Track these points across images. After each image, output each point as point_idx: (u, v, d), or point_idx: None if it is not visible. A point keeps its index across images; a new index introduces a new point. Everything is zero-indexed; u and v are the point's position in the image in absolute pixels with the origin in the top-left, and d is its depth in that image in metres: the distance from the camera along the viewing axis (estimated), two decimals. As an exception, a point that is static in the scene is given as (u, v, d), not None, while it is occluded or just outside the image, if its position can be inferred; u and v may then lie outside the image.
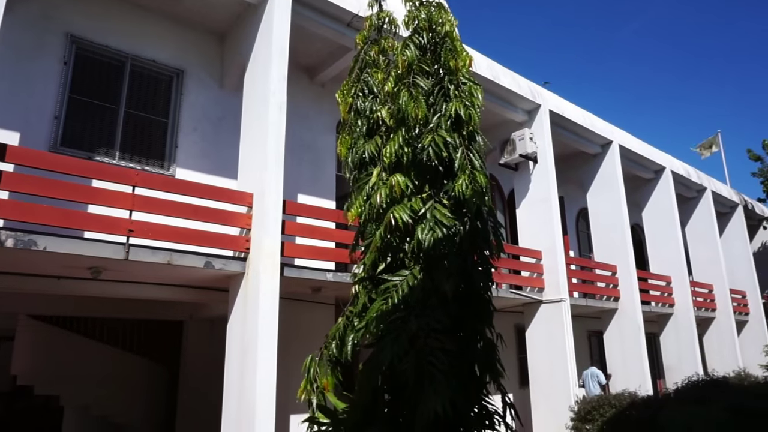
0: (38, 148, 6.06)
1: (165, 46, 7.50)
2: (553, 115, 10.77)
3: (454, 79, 3.78)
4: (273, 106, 6.40)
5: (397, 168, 3.72)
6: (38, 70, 6.39)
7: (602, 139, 12.23)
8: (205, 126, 7.67)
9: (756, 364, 14.81)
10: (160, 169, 7.16)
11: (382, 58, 4.67)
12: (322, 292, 7.54)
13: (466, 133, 3.62)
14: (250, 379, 5.67)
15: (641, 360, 11.18)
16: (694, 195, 16.04)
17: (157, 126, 7.32)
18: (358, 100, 4.48)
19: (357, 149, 4.28)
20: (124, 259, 5.26)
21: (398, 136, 3.64)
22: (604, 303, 11.63)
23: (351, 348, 3.82)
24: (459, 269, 3.42)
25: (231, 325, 6.27)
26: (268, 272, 5.91)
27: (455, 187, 3.45)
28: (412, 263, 3.55)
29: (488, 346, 3.59)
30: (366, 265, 3.90)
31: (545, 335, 9.75)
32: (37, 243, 4.77)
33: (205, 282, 6.80)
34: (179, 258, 5.66)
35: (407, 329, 3.34)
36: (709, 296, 15.36)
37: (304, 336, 7.40)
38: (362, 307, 3.86)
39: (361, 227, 4.14)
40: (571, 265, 10.90)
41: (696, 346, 13.31)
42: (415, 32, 4.02)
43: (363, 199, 4.02)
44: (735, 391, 7.55)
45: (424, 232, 3.38)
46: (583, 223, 14.58)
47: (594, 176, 12.53)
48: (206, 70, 7.86)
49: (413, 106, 3.58)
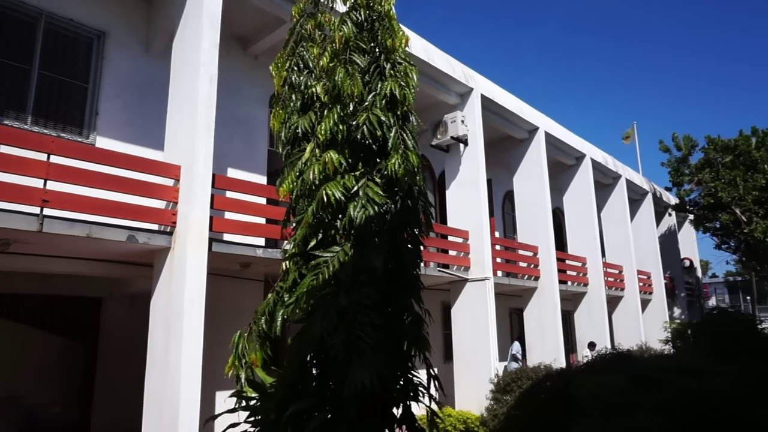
0: (-63, 108, 5.55)
1: (85, 4, 7.00)
2: (484, 99, 11.07)
3: (390, 58, 3.81)
4: (203, 76, 6.17)
5: (331, 145, 3.73)
6: (-64, 21, 5.81)
7: (530, 125, 12.72)
8: (129, 93, 7.28)
9: (656, 339, 16.17)
10: (79, 136, 6.75)
11: (318, 32, 4.62)
12: (251, 268, 7.45)
13: (401, 113, 3.68)
14: (175, 355, 5.55)
15: (557, 335, 11.92)
16: (610, 182, 17.08)
17: (76, 90, 6.86)
18: (292, 75, 4.42)
19: (290, 124, 4.24)
20: (38, 231, 4.95)
21: (333, 113, 3.64)
22: (525, 282, 12.23)
23: (280, 323, 3.84)
24: (389, 246, 3.50)
25: (155, 301, 6.08)
26: (195, 247, 5.76)
27: (388, 166, 3.51)
28: (344, 240, 3.60)
29: (416, 321, 3.72)
30: (297, 241, 3.91)
31: (469, 312, 10.15)
32: (-64, 211, 4.40)
33: (127, 257, 6.53)
34: (100, 231, 5.40)
35: (337, 304, 3.40)
36: (619, 276, 16.53)
37: (232, 312, 7.29)
38: (292, 282, 3.88)
39: (292, 203, 4.13)
40: (496, 246, 11.35)
41: (606, 322, 14.34)
42: (353, 8, 4.01)
43: (295, 175, 4.00)
44: (636, 363, 8.22)
45: (356, 210, 3.43)
46: (509, 205, 15.19)
47: (521, 160, 13.05)
48: (131, 33, 7.43)
49: (349, 84, 3.59)
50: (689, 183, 18.68)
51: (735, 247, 19.37)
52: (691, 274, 23.84)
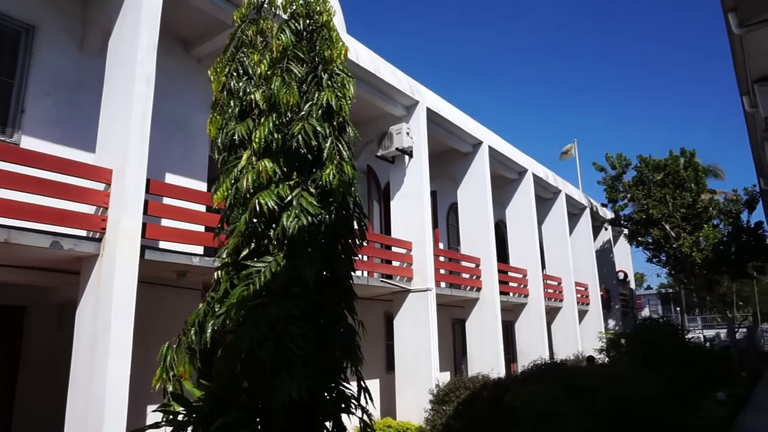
0: None
1: (14, -4, 6.64)
2: (429, 112, 11.24)
3: (328, 68, 3.80)
4: (140, 77, 5.97)
5: (266, 153, 3.67)
6: None
7: (474, 139, 13.00)
8: (60, 91, 6.94)
9: (592, 348, 16.78)
10: (1, 135, 6.37)
11: (259, 39, 4.57)
12: (187, 276, 7.21)
13: (337, 123, 3.68)
14: (101, 368, 5.29)
15: (497, 345, 12.15)
16: (551, 196, 17.68)
17: (0, 86, 6.49)
18: (231, 80, 4.36)
19: (228, 131, 4.16)
20: (-51, 234, 4.62)
21: (269, 122, 3.59)
22: (467, 293, 12.43)
23: (210, 334, 3.74)
24: (322, 257, 3.48)
25: (81, 311, 5.79)
26: (125, 254, 5.53)
27: (323, 176, 3.49)
28: (277, 250, 3.55)
29: (349, 333, 3.69)
30: (229, 250, 3.83)
31: (412, 322, 10.21)
32: None
33: (52, 263, 6.18)
34: (20, 236, 5.09)
35: (268, 315, 3.34)
36: (558, 288, 17.08)
37: (168, 322, 7.01)
38: (224, 292, 3.79)
39: (226, 211, 4.05)
40: (439, 257, 11.50)
41: (545, 332, 14.75)
42: (293, 17, 3.99)
43: (230, 183, 3.92)
44: (571, 372, 8.50)
45: (289, 219, 3.39)
46: (454, 217, 15.44)
47: (465, 173, 13.31)
48: (64, 28, 7.10)
49: (285, 93, 3.56)
50: (623, 199, 19.61)
51: (665, 261, 20.42)
52: (626, 286, 24.94)
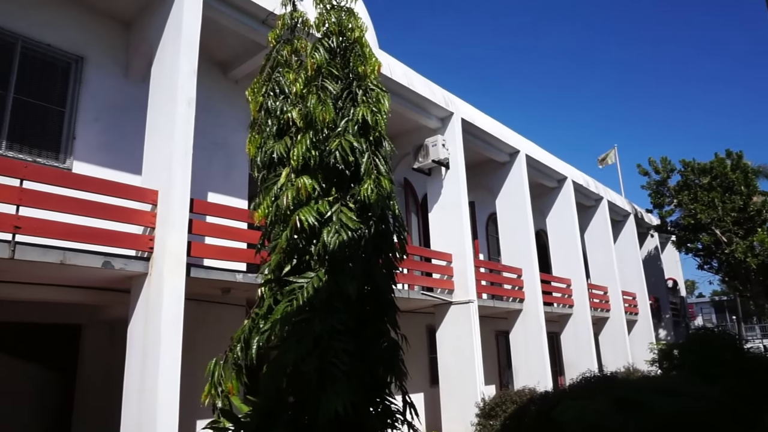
0: None
1: (62, 30, 7.00)
2: (464, 123, 11.19)
3: (362, 84, 3.84)
4: (181, 101, 6.17)
5: (304, 170, 3.72)
6: None
7: (511, 148, 12.86)
8: (107, 117, 7.25)
9: (642, 360, 16.17)
10: (55, 161, 6.68)
11: (294, 58, 4.66)
12: (231, 293, 7.36)
13: (373, 138, 3.70)
14: (152, 384, 5.43)
15: (543, 358, 11.86)
16: (593, 204, 17.26)
17: (53, 115, 6.82)
18: (268, 100, 4.45)
19: (266, 149, 4.24)
20: (10, 258, 4.85)
21: (306, 139, 3.65)
22: (510, 304, 12.22)
23: (255, 350, 3.78)
24: (363, 271, 3.48)
25: (132, 328, 5.97)
26: (172, 273, 5.68)
27: (361, 191, 3.51)
28: (318, 265, 3.57)
29: (392, 347, 3.68)
30: (272, 266, 3.88)
31: (454, 335, 10.09)
32: None
33: (104, 283, 6.42)
34: (74, 257, 5.31)
35: (311, 331, 3.36)
36: (604, 297, 16.58)
37: (214, 338, 7.16)
38: (268, 308, 3.83)
39: (267, 228, 4.11)
40: (479, 268, 11.36)
41: (592, 343, 14.32)
42: (326, 35, 4.05)
43: (271, 200, 3.99)
44: (621, 385, 8.20)
45: (329, 235, 3.42)
46: (493, 228, 15.25)
47: (503, 183, 13.15)
48: (110, 57, 7.43)
49: (321, 110, 3.61)
50: (669, 204, 18.94)
51: (717, 268, 19.56)
52: (676, 295, 24.00)
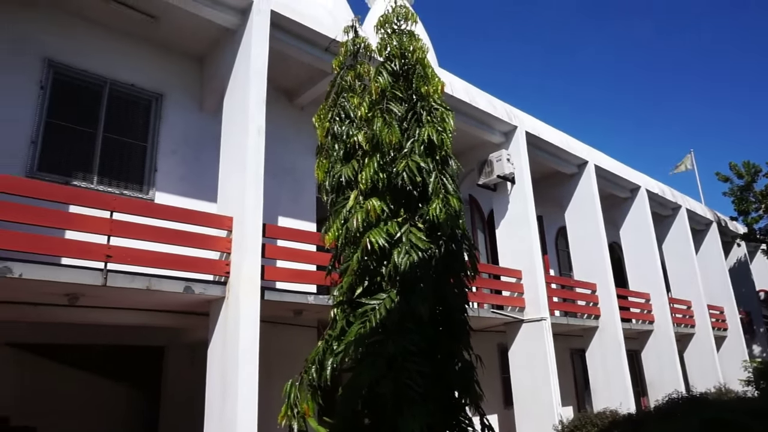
0: (15, 173, 6.01)
1: (144, 70, 7.53)
2: (529, 136, 10.99)
3: (426, 104, 3.87)
4: (252, 130, 6.44)
5: (373, 192, 3.78)
6: (14, 94, 6.36)
7: (578, 159, 12.48)
8: (184, 149, 7.68)
9: (736, 379, 15.00)
10: (139, 193, 7.14)
11: (358, 83, 4.77)
12: (303, 314, 7.52)
13: (439, 157, 3.71)
14: (231, 404, 5.61)
15: (623, 377, 11.27)
16: (670, 213, 16.37)
17: (136, 150, 7.31)
18: (334, 125, 4.56)
19: (334, 173, 4.34)
20: (102, 285, 5.21)
21: (373, 162, 3.71)
22: (585, 321, 11.74)
23: (330, 372, 3.83)
24: (434, 292, 3.47)
25: (211, 350, 6.21)
26: (248, 296, 5.89)
27: (430, 211, 3.52)
28: (389, 286, 3.60)
29: (466, 368, 3.62)
30: (343, 288, 3.94)
31: (527, 354, 9.80)
32: (12, 270, 4.71)
33: (185, 307, 6.74)
34: (158, 283, 5.62)
35: (385, 352, 3.38)
36: (688, 312, 15.58)
37: (287, 359, 7.33)
38: (341, 330, 3.88)
39: (338, 250, 4.19)
40: (551, 284, 11.01)
41: (677, 362, 13.46)
42: (388, 59, 4.13)
43: (340, 223, 4.07)
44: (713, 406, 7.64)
45: (400, 256, 3.44)
46: (563, 242, 14.77)
47: (571, 195, 12.75)
48: (186, 93, 7.90)
49: (387, 132, 3.66)
50: (756, 210, 17.63)
51: (816, 277, 17.94)
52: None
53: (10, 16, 6.43)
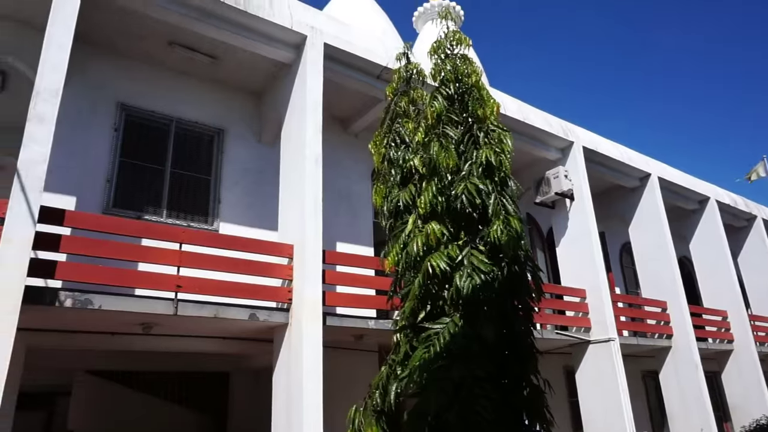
0: (93, 210, 6.43)
1: (206, 107, 7.92)
2: (586, 151, 10.72)
3: (483, 126, 3.88)
4: (309, 159, 6.62)
5: (432, 216, 3.79)
6: (92, 136, 6.84)
7: (640, 172, 12.04)
8: (245, 180, 7.97)
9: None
10: (205, 224, 7.45)
11: (412, 108, 4.83)
12: (364, 339, 7.55)
13: (498, 179, 3.69)
14: (297, 429, 5.67)
15: (702, 401, 10.59)
16: (744, 224, 15.44)
17: (201, 183, 7.65)
18: (390, 150, 4.62)
19: (392, 198, 4.38)
20: (174, 314, 5.44)
21: (431, 186, 3.73)
22: (656, 341, 11.16)
23: (394, 397, 3.82)
24: (499, 315, 3.42)
25: (276, 376, 6.32)
26: (310, 322, 5.98)
27: (490, 233, 3.49)
28: (452, 310, 3.57)
29: (535, 393, 3.53)
30: (406, 313, 3.93)
31: (596, 377, 9.40)
32: (92, 302, 5.00)
33: (250, 333, 6.91)
34: (225, 311, 5.82)
35: (451, 378, 3.34)
36: (772, 329, 14.52)
37: (349, 384, 7.36)
38: (404, 355, 3.87)
39: (398, 275, 4.20)
40: (617, 303, 10.57)
41: (762, 383, 12.52)
42: (442, 84, 4.17)
43: (400, 247, 4.09)
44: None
45: (462, 279, 3.41)
46: (628, 258, 14.18)
47: (635, 210, 12.28)
48: (245, 126, 8.24)
49: (444, 156, 3.68)
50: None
51: None
52: None
53: (88, 65, 6.94)
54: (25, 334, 5.06)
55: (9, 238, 4.42)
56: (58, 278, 5.04)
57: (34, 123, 4.79)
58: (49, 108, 4.90)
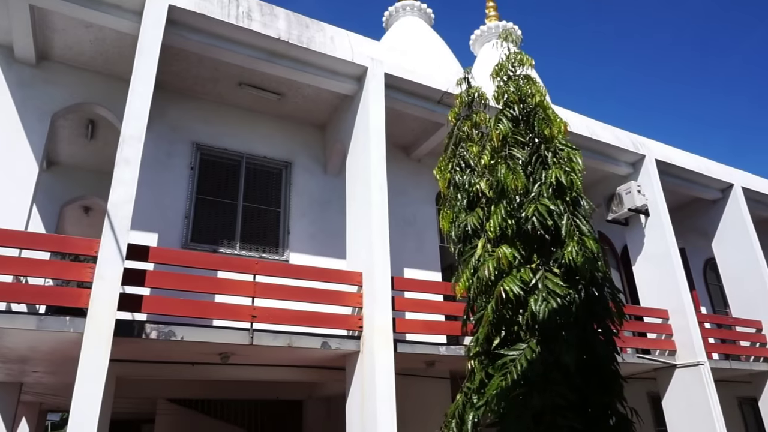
0: (172, 245, 6.79)
1: (274, 142, 8.24)
2: (660, 164, 10.23)
3: (550, 146, 3.81)
4: (374, 187, 6.71)
5: (501, 239, 3.73)
6: (171, 176, 7.27)
7: (721, 183, 11.33)
8: (312, 211, 8.17)
9: None
10: (275, 255, 7.67)
11: (475, 131, 4.83)
12: (435, 366, 7.45)
13: (570, 198, 3.59)
14: (371, 459, 5.64)
15: (810, 430, 9.64)
16: None
17: (271, 215, 7.92)
18: (455, 175, 4.62)
19: (459, 223, 4.36)
20: (249, 344, 5.60)
21: (500, 209, 3.68)
22: (752, 365, 10.31)
23: (471, 427, 3.74)
24: (579, 340, 3.28)
25: (350, 404, 6.33)
26: (382, 349, 5.97)
27: (565, 255, 3.39)
28: (528, 336, 3.47)
29: (622, 422, 3.35)
30: (479, 339, 3.87)
31: (685, 404, 8.77)
32: (175, 333, 5.25)
33: (322, 362, 6.99)
34: (298, 340, 5.92)
35: (530, 406, 3.23)
36: None
37: (421, 411, 7.27)
38: (480, 383, 3.79)
39: (470, 300, 4.15)
40: (704, 323, 9.88)
41: None
42: (506, 105, 4.14)
43: (470, 272, 4.04)
44: None
45: (537, 304, 3.32)
46: (713, 275, 13.28)
47: (717, 223, 11.53)
48: (311, 158, 8.48)
49: (512, 178, 3.64)
50: None
51: None
52: None
53: (166, 110, 7.42)
54: (116, 364, 5.36)
55: (101, 275, 4.74)
56: (144, 311, 5.33)
57: (121, 166, 5.15)
58: (134, 152, 5.26)
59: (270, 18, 6.77)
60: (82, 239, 5.30)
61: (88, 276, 4.82)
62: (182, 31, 6.30)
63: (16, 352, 5.62)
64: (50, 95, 6.73)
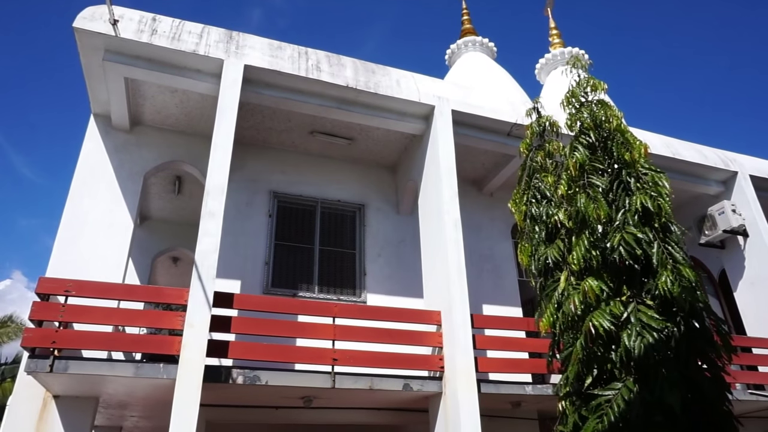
0: (254, 291, 7.02)
1: (346, 185, 8.44)
2: (755, 180, 9.50)
3: (632, 171, 3.63)
4: (448, 224, 6.66)
5: (586, 272, 3.56)
6: (251, 224, 7.59)
7: (832, 195, 10.31)
8: (387, 251, 8.22)
9: None
10: (353, 296, 7.73)
11: (549, 161, 4.71)
12: (522, 406, 7.11)
13: (659, 225, 3.39)
14: (461, 508, 5.39)
15: None
16: None
17: (347, 257, 8.04)
18: (531, 207, 4.51)
19: (539, 256, 4.22)
20: (331, 387, 5.61)
21: (583, 240, 3.52)
22: None
23: (569, 474, 3.50)
24: (682, 377, 3.02)
25: (435, 448, 6.15)
26: (465, 391, 5.79)
27: (658, 285, 3.17)
28: (624, 374, 3.25)
29: (739, 469, 3.01)
30: (569, 378, 3.66)
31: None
32: (260, 378, 5.36)
33: (404, 404, 6.86)
34: (379, 382, 5.87)
35: (633, 452, 2.99)
36: None
37: (510, 456, 6.93)
38: (573, 426, 3.57)
39: (555, 336, 3.96)
40: (826, 353, 8.84)
41: None
42: (581, 132, 4.02)
43: (554, 307, 3.88)
44: None
45: (631, 339, 3.12)
46: (831, 299, 11.94)
47: (830, 240, 10.43)
48: (383, 199, 8.59)
49: (593, 208, 3.49)
50: None
51: None
52: None
53: (245, 161, 7.83)
54: (205, 409, 5.54)
55: (191, 323, 4.96)
56: (230, 357, 5.50)
57: (206, 219, 5.45)
58: (217, 204, 5.56)
59: (338, 68, 7.05)
60: (173, 289, 5.61)
61: (179, 324, 5.07)
62: (257, 88, 6.69)
63: (116, 398, 5.95)
64: (142, 157, 7.30)
